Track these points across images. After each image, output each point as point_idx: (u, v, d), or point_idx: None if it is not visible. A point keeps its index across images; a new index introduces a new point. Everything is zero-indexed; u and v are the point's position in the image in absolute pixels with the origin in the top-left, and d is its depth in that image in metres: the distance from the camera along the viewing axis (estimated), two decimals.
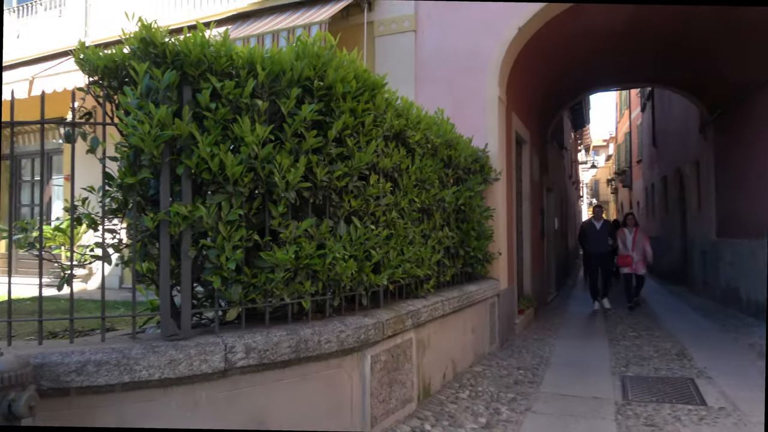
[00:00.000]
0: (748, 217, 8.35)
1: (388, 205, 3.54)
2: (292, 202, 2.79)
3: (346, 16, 6.70)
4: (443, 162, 4.66)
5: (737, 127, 8.80)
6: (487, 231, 5.67)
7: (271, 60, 2.72)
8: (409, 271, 3.84)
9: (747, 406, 4.03)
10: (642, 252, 9.61)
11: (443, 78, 6.43)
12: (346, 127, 3.04)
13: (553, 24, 6.59)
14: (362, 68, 3.18)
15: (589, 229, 10.07)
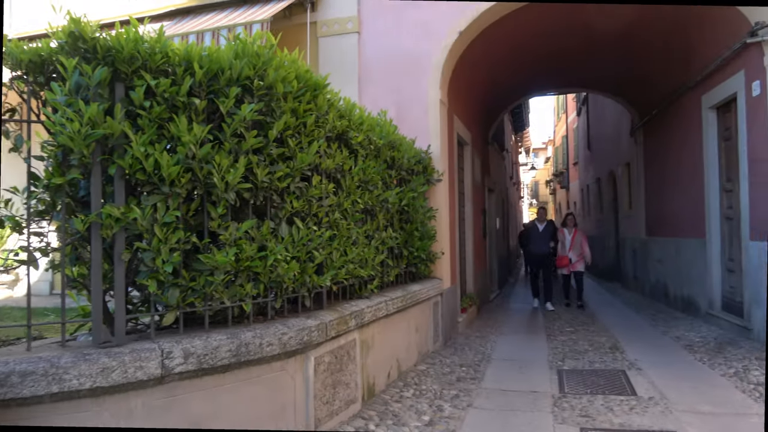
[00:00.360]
0: (674, 216, 8.85)
1: (330, 206, 3.54)
2: (231, 203, 2.74)
3: (288, 15, 6.64)
4: (386, 163, 4.69)
5: (663, 132, 9.31)
6: (430, 231, 5.76)
7: (209, 58, 2.66)
8: (353, 272, 3.85)
9: (674, 395, 4.27)
10: (580, 252, 9.64)
11: (386, 80, 6.48)
12: (287, 128, 3.01)
13: (492, 29, 6.77)
14: (304, 68, 3.16)
15: (532, 230, 10.11)
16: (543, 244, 9.78)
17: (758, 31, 5.45)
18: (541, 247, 9.80)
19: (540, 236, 9.87)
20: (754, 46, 5.67)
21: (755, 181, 5.90)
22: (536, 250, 9.93)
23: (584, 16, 7.45)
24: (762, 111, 5.63)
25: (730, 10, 5.80)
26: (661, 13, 6.95)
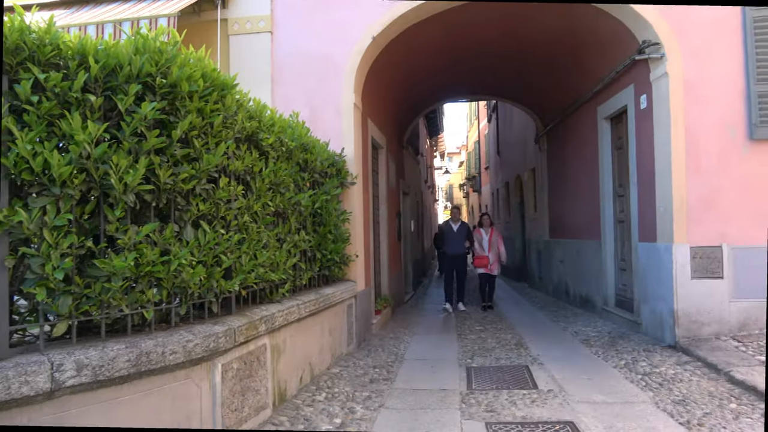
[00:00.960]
0: (574, 219, 9.44)
1: (240, 209, 3.46)
2: (131, 205, 2.61)
3: (198, 11, 6.42)
4: (299, 166, 4.66)
5: (564, 140, 9.91)
6: (344, 234, 5.78)
7: (107, 53, 2.52)
8: (264, 276, 3.78)
9: (571, 387, 4.55)
10: (497, 252, 9.69)
11: (300, 82, 6.43)
12: (193, 128, 2.91)
13: (406, 35, 6.91)
14: (211, 67, 3.07)
15: (447, 230, 9.94)
16: (458, 245, 9.69)
17: (645, 49, 5.94)
18: (457, 248, 9.71)
19: (455, 237, 9.74)
20: (642, 62, 6.18)
21: (642, 186, 6.42)
22: (452, 250, 9.79)
23: (491, 30, 7.79)
24: (649, 122, 6.15)
25: (622, 29, 6.28)
26: (561, 31, 7.40)
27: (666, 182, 5.78)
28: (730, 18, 5.67)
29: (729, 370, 4.51)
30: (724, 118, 5.66)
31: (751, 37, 5.56)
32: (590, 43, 7.38)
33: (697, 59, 5.72)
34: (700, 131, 5.68)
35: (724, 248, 5.61)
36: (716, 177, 5.65)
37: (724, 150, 5.65)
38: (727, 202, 5.64)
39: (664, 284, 5.81)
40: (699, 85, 5.70)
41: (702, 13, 5.74)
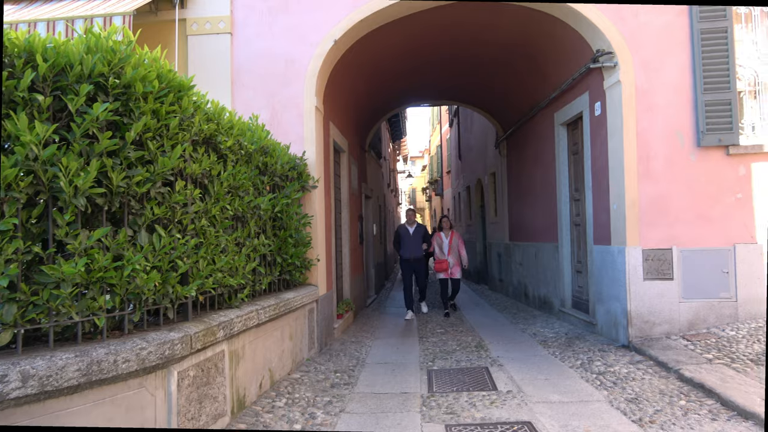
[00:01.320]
0: (533, 223, 9.63)
1: (197, 213, 3.39)
2: (82, 209, 2.53)
3: (155, 10, 6.27)
4: (258, 169, 4.60)
5: (523, 145, 10.11)
6: (305, 238, 5.74)
7: (56, 51, 2.44)
8: (222, 281, 3.72)
9: (529, 388, 4.63)
10: (458, 256, 9.54)
11: (261, 84, 6.36)
12: (147, 130, 2.84)
13: (367, 39, 6.93)
14: (167, 68, 3.00)
15: (403, 233, 9.60)
16: (415, 248, 9.47)
17: (599, 58, 6.12)
18: (414, 251, 9.49)
19: (411, 239, 9.50)
20: (596, 70, 6.37)
21: (597, 191, 6.61)
22: (408, 254, 9.52)
23: (452, 35, 7.89)
24: (603, 129, 6.33)
25: (577, 38, 6.45)
26: (520, 38, 7.55)
27: (619, 187, 5.96)
28: (679, 30, 5.90)
29: (678, 369, 4.68)
30: (673, 125, 5.88)
31: (698, 49, 5.80)
32: (549, 51, 7.56)
33: (649, 69, 5.93)
34: (651, 138, 5.89)
35: (674, 250, 5.83)
36: (666, 182, 5.86)
37: (673, 156, 5.87)
38: (676, 206, 5.85)
39: (618, 286, 5.99)
40: (650, 93, 5.91)
41: (652, 24, 5.95)
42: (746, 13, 6.04)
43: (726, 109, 5.72)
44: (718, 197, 5.83)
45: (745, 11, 6.03)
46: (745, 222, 5.79)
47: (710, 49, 5.78)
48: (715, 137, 5.75)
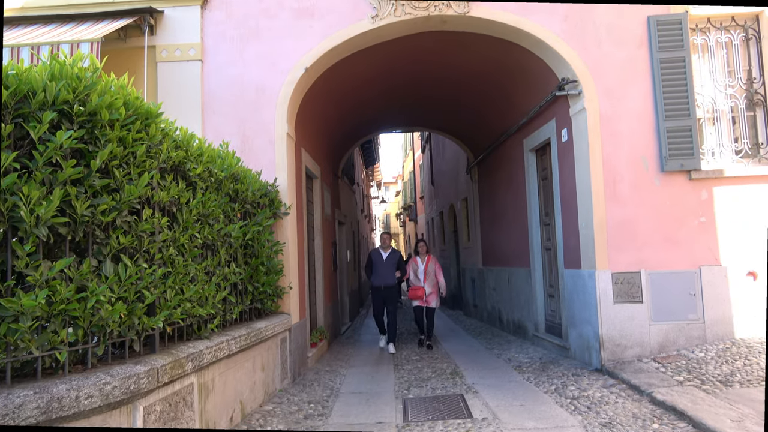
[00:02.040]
0: (505, 247, 9.72)
1: (165, 242, 3.32)
2: (44, 239, 2.45)
3: (124, 37, 6.23)
4: (229, 196, 4.55)
5: (494, 171, 10.26)
6: (277, 265, 5.66)
7: (18, 78, 2.38)
8: (191, 311, 3.63)
9: (504, 415, 4.60)
10: (435, 283, 8.77)
11: (232, 111, 6.34)
12: (113, 157, 2.79)
13: (339, 66, 6.99)
14: (134, 95, 2.96)
15: (376, 258, 8.80)
16: (388, 275, 8.62)
17: (564, 86, 6.29)
18: (386, 278, 8.63)
19: (384, 265, 8.66)
20: (562, 98, 6.53)
21: (566, 215, 6.72)
22: (379, 281, 8.65)
23: (423, 63, 8.02)
24: (570, 155, 6.47)
25: (543, 67, 6.63)
26: (489, 66, 7.73)
27: (587, 211, 6.07)
28: (640, 60, 6.12)
29: (651, 392, 4.71)
30: (637, 151, 6.04)
31: (658, 78, 6.01)
32: (516, 78, 7.74)
33: (612, 96, 6.11)
34: (616, 163, 6.03)
35: (642, 274, 5.93)
36: (633, 206, 5.99)
37: (638, 181, 6.02)
38: (643, 229, 5.98)
39: (589, 309, 6.05)
40: (614, 120, 6.08)
41: (615, 54, 6.16)
42: (702, 43, 6.30)
43: (687, 136, 5.92)
44: (683, 221, 5.98)
45: (701, 42, 6.30)
46: (709, 245, 5.95)
47: (670, 78, 5.99)
48: (678, 162, 5.93)
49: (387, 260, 8.75)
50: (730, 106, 6.23)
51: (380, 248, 8.94)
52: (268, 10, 6.44)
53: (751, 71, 6.26)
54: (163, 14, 6.36)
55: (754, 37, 6.26)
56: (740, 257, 5.91)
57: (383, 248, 8.91)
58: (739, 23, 6.28)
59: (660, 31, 6.05)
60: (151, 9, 6.18)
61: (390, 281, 8.68)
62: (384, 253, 8.84)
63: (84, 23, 5.75)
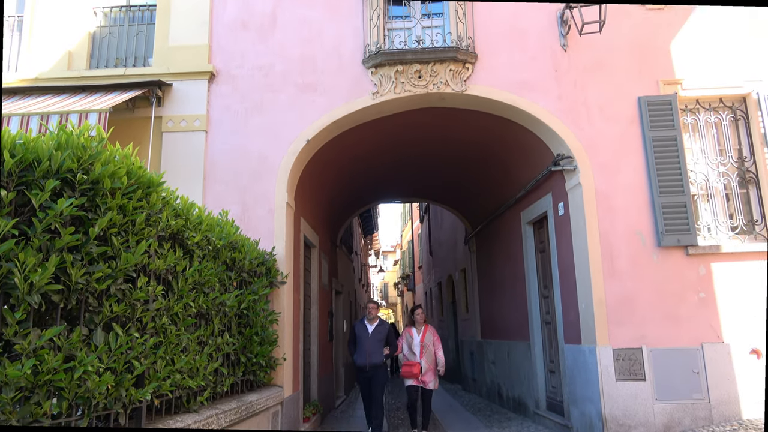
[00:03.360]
0: (504, 320, 9.58)
1: (158, 310, 3.27)
2: (35, 306, 2.41)
3: (131, 107, 6.43)
4: (226, 264, 4.53)
5: (492, 242, 10.29)
6: (271, 336, 5.56)
7: (25, 147, 2.44)
8: (180, 383, 3.52)
9: None
10: (433, 358, 7.28)
11: (233, 180, 6.44)
12: (112, 225, 2.80)
13: (340, 138, 7.18)
14: (137, 164, 3.02)
15: (360, 332, 7.24)
16: (374, 352, 7.07)
17: (560, 161, 6.43)
18: (372, 356, 7.05)
19: (370, 340, 7.11)
20: (558, 173, 6.66)
21: (564, 289, 6.67)
22: (363, 360, 7.08)
23: (422, 136, 8.25)
24: (567, 228, 6.51)
25: (539, 142, 6.80)
26: (487, 140, 7.94)
27: (586, 285, 6.04)
28: (632, 137, 6.29)
29: None
30: (634, 226, 6.09)
31: (651, 155, 6.16)
32: (513, 152, 7.92)
33: (607, 172, 6.24)
34: (613, 238, 6.06)
35: (644, 350, 5.81)
36: (631, 281, 5.97)
37: (636, 256, 6.03)
38: (643, 305, 5.92)
39: (591, 387, 5.89)
40: (610, 195, 6.17)
41: (608, 132, 6.34)
42: (692, 123, 6.50)
43: (682, 211, 5.98)
44: (683, 296, 5.93)
45: (691, 121, 6.50)
46: (710, 321, 5.87)
47: (662, 155, 6.14)
48: (674, 238, 5.96)
49: (373, 334, 7.17)
50: (723, 183, 6.34)
51: (365, 319, 7.37)
52: (272, 85, 6.69)
53: (742, 150, 6.43)
54: (171, 87, 6.60)
55: (743, 117, 6.47)
56: (743, 334, 5.82)
57: (369, 319, 7.32)
58: (727, 104, 6.51)
59: (651, 111, 6.26)
60: (160, 82, 6.42)
61: (376, 359, 7.08)
62: (370, 325, 7.25)
63: (94, 94, 5.95)
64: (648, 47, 6.52)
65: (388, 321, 8.36)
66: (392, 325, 7.98)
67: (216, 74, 6.72)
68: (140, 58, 6.95)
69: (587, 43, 6.47)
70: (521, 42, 6.64)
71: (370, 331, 7.19)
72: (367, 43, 6.65)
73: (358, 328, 7.29)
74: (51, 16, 6.98)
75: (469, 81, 6.54)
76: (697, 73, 6.43)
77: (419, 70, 6.53)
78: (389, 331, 7.30)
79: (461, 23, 6.63)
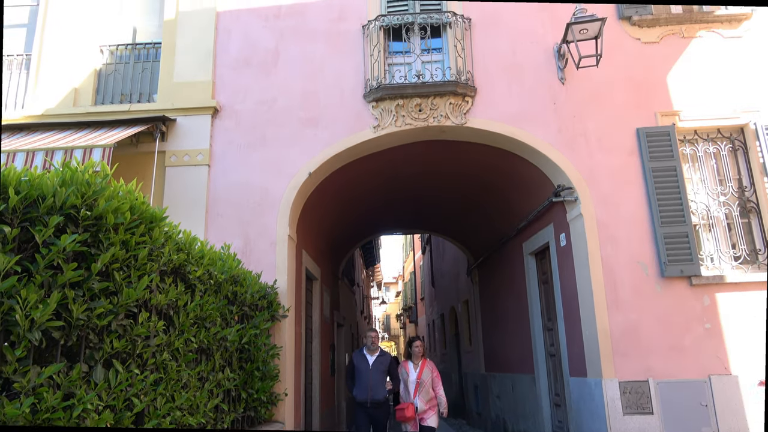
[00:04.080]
0: (508, 352, 9.47)
1: (159, 346, 3.25)
2: (36, 344, 2.40)
3: (136, 142, 6.50)
4: (228, 298, 4.52)
5: (494, 273, 10.25)
6: (273, 370, 5.49)
7: (30, 184, 2.46)
8: (180, 420, 3.47)
9: None
10: (431, 396, 6.44)
11: (235, 213, 6.47)
12: (115, 260, 2.80)
13: (342, 171, 7.23)
14: (140, 200, 3.04)
15: (359, 363, 6.55)
16: (376, 387, 6.39)
17: (560, 192, 6.45)
18: (375, 391, 6.37)
19: (371, 373, 6.43)
20: (559, 204, 6.68)
21: (568, 320, 6.61)
22: (363, 395, 6.37)
23: (423, 168, 8.30)
24: (569, 259, 6.49)
25: (539, 174, 6.85)
26: (488, 171, 7.99)
27: (590, 317, 5.99)
28: (632, 168, 6.33)
29: None
30: (636, 256, 6.07)
31: (651, 185, 6.18)
32: (514, 183, 7.96)
33: (608, 203, 6.25)
34: (616, 268, 6.04)
35: (650, 383, 5.72)
36: (636, 312, 5.92)
37: (640, 287, 5.99)
38: (648, 336, 5.86)
39: (598, 421, 5.78)
40: (611, 225, 6.17)
41: (607, 163, 6.37)
42: (691, 153, 6.55)
43: (684, 242, 5.97)
44: (688, 327, 5.87)
45: (690, 152, 6.54)
46: (717, 353, 5.79)
47: (663, 185, 6.16)
48: (677, 268, 5.93)
49: (375, 366, 6.48)
50: (724, 213, 6.35)
51: (365, 349, 6.69)
52: (275, 120, 6.77)
53: (741, 180, 6.45)
54: (175, 122, 6.68)
55: (741, 148, 6.51)
56: (751, 366, 5.73)
57: (369, 350, 6.64)
58: (725, 135, 6.57)
59: (649, 142, 6.31)
60: (164, 118, 6.51)
61: (379, 395, 6.39)
62: (370, 356, 6.56)
63: (99, 130, 6.03)
64: (644, 80, 6.61)
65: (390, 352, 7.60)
66: (394, 358, 7.17)
67: (219, 109, 6.82)
68: (145, 94, 7.06)
69: (585, 76, 6.57)
70: (519, 76, 6.74)
71: (371, 362, 6.51)
72: (368, 78, 6.76)
73: (358, 360, 6.60)
74: (58, 54, 7.12)
75: (468, 114, 6.62)
76: (695, 104, 6.50)
77: (419, 104, 6.61)
78: (392, 363, 6.71)
79: (460, 58, 6.75)
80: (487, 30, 6.95)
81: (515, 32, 6.90)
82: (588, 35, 6.07)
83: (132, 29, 7.49)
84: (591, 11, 6.21)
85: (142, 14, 7.55)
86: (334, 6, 7.16)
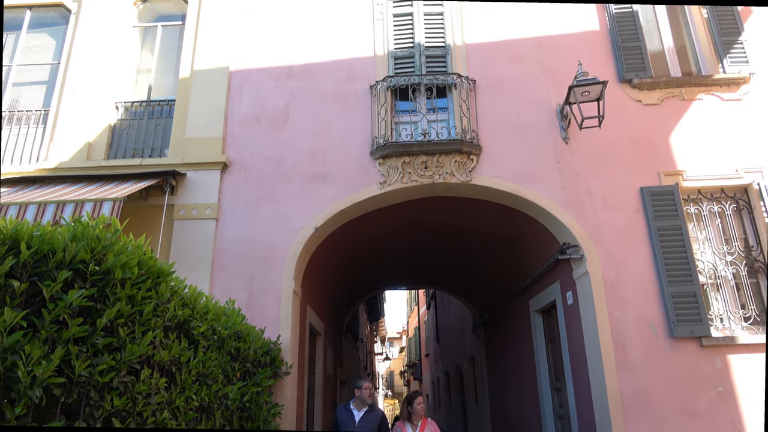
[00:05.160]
0: (515, 413, 9.20)
1: (159, 404, 3.19)
2: (36, 401, 2.36)
3: (145, 196, 6.60)
4: (230, 354, 4.46)
5: (501, 331, 10.10)
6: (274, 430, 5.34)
7: (41, 239, 2.49)
8: None
9: None
10: None
11: (241, 267, 6.47)
12: (120, 315, 2.80)
13: (348, 226, 7.27)
14: (149, 255, 3.06)
15: (345, 420, 5.61)
16: None
17: (566, 250, 6.44)
18: None
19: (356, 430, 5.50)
20: (565, 261, 6.65)
21: (577, 381, 6.45)
22: None
23: (429, 225, 8.34)
24: (577, 318, 6.41)
25: (545, 232, 6.86)
26: (493, 228, 8.01)
27: (599, 378, 5.85)
28: (637, 227, 6.34)
29: None
30: (644, 316, 5.99)
31: (657, 244, 6.17)
32: (520, 240, 7.96)
33: (613, 261, 6.22)
34: (624, 328, 5.95)
35: None
36: (646, 374, 5.78)
37: (649, 347, 5.88)
38: (660, 399, 5.70)
39: None
40: (618, 284, 6.12)
41: (612, 222, 6.39)
42: (696, 213, 6.57)
43: (692, 301, 5.90)
44: (700, 390, 5.72)
45: (695, 211, 6.57)
46: (731, 417, 5.61)
47: (668, 244, 6.15)
48: (687, 328, 5.84)
49: (362, 423, 5.54)
50: (731, 273, 6.30)
51: (351, 403, 5.77)
52: (284, 175, 6.88)
53: (747, 239, 6.44)
54: (185, 176, 6.80)
55: (746, 207, 6.54)
56: None
57: (357, 403, 5.73)
58: (729, 194, 6.60)
59: (654, 201, 6.35)
60: (174, 172, 6.63)
61: None
62: (357, 411, 5.66)
63: (110, 183, 6.14)
64: (647, 140, 6.72)
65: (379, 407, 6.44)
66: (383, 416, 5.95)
67: (229, 164, 6.95)
68: (157, 148, 7.22)
69: (588, 136, 6.68)
70: (523, 135, 6.87)
71: (357, 419, 5.57)
72: (375, 136, 6.90)
73: (342, 416, 5.66)
74: (75, 110, 7.34)
75: (474, 171, 6.71)
76: (698, 164, 6.58)
77: (425, 161, 6.72)
78: (383, 420, 5.74)
79: (465, 117, 6.91)
80: (491, 91, 7.14)
81: (518, 94, 7.09)
82: (590, 97, 6.23)
83: (147, 86, 7.75)
84: (592, 74, 6.40)
85: (157, 72, 7.83)
86: (343, 67, 7.41)
